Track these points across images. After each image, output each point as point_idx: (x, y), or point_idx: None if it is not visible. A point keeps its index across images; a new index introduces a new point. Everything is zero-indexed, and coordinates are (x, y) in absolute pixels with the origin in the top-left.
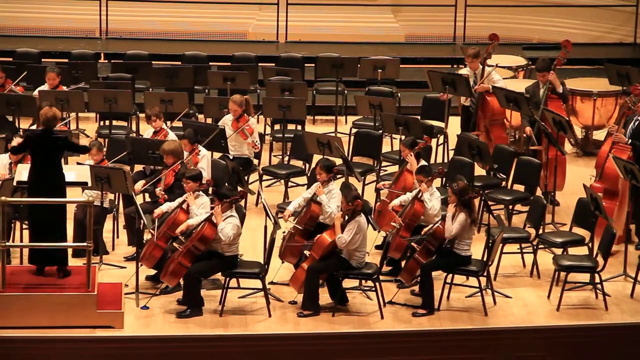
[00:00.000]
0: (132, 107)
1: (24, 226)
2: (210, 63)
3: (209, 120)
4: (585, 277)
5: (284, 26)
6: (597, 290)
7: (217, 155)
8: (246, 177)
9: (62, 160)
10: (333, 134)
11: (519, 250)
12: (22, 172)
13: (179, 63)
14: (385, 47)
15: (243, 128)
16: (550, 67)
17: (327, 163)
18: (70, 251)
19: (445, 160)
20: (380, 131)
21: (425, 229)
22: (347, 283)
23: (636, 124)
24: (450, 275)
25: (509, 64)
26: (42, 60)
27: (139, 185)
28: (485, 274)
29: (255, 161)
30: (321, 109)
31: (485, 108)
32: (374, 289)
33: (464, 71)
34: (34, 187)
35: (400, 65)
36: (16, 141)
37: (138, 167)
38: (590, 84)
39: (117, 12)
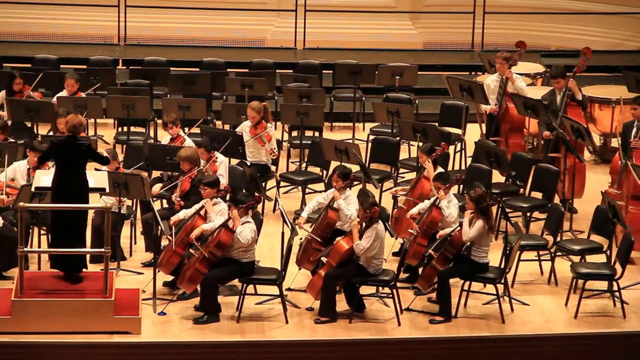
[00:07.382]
0: (150, 114)
1: (42, 232)
2: (228, 69)
3: (227, 127)
4: (603, 284)
5: (302, 33)
6: (615, 298)
7: (234, 161)
8: (264, 184)
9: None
10: (350, 141)
11: (536, 258)
12: (41, 178)
13: (197, 69)
14: (403, 54)
15: (261, 135)
16: (564, 74)
17: (344, 170)
18: (88, 257)
19: (463, 168)
20: (398, 138)
21: (441, 232)
22: (364, 290)
23: None
24: (468, 283)
25: (527, 71)
26: (61, 66)
27: (157, 187)
28: (502, 281)
29: (273, 168)
30: (339, 115)
31: (506, 115)
32: (391, 295)
33: (493, 77)
34: (57, 192)
35: (418, 72)
36: (37, 142)
37: (155, 174)
38: (608, 92)
39: (136, 19)
